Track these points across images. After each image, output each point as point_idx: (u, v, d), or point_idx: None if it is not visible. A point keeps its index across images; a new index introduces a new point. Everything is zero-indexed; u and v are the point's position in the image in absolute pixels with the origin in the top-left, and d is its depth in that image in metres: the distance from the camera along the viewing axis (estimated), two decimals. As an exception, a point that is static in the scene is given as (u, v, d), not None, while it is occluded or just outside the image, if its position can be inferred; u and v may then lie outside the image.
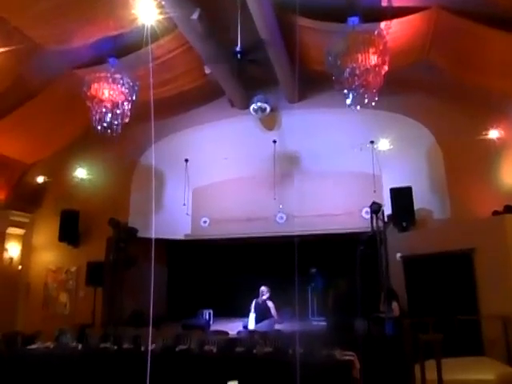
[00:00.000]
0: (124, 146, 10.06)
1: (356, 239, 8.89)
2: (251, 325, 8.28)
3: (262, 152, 10.13)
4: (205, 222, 11.26)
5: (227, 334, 7.57)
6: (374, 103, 5.16)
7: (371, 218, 8.83)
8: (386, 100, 6.20)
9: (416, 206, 8.21)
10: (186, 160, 10.71)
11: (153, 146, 9.15)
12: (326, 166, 10.47)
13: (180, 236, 11.25)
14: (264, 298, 8.38)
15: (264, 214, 10.63)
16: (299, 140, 10.01)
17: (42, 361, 6.54)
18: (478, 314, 6.53)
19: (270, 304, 8.29)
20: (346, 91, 5.16)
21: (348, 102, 4.65)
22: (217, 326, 9.09)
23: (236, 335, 7.48)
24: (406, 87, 8.13)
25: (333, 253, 10.76)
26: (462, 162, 7.85)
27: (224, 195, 11.42)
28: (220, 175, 11.29)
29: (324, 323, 9.01)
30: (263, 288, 8.62)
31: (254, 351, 5.94)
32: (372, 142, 9.31)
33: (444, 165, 8.12)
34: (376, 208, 8.48)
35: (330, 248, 10.88)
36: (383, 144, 8.98)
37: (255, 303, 8.51)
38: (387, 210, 8.66)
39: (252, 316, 8.40)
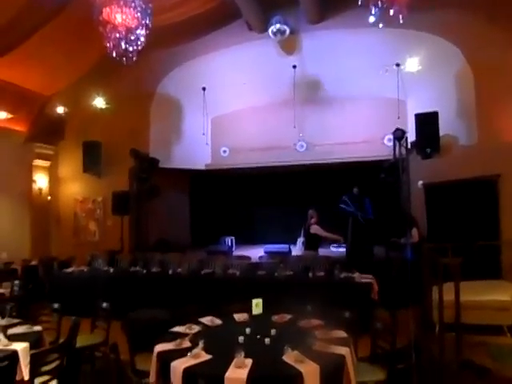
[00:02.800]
0: (141, 75, 9.81)
1: (377, 167, 8.82)
2: (299, 250, 7.87)
3: (281, 78, 9.74)
4: (224, 151, 11.25)
5: (249, 258, 7.89)
6: (401, 20, 4.74)
7: (394, 145, 8.65)
8: (413, 17, 5.67)
9: (441, 132, 7.92)
10: (204, 88, 10.43)
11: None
12: (347, 91, 10.06)
13: (201, 166, 11.34)
14: (311, 222, 7.56)
15: (284, 142, 10.51)
16: (320, 64, 9.53)
17: (78, 282, 7.06)
18: (499, 240, 6.57)
19: (313, 229, 7.37)
20: (370, 6, 4.72)
21: (371, 19, 4.24)
22: (239, 252, 9.48)
23: (258, 260, 7.79)
24: (436, 2, 7.43)
25: (353, 181, 10.72)
26: (493, 85, 7.36)
27: (243, 124, 11.27)
28: (238, 103, 11.04)
29: (343, 250, 9.23)
30: (310, 211, 7.76)
31: (276, 274, 6.22)
32: (398, 65, 8.78)
33: (474, 88, 7.65)
34: (399, 134, 8.25)
35: (351, 176, 10.82)
36: (410, 66, 8.44)
37: (303, 228, 7.82)
38: (411, 136, 8.43)
39: (300, 241, 7.89)
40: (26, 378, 3.06)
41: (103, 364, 4.26)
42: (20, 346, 3.20)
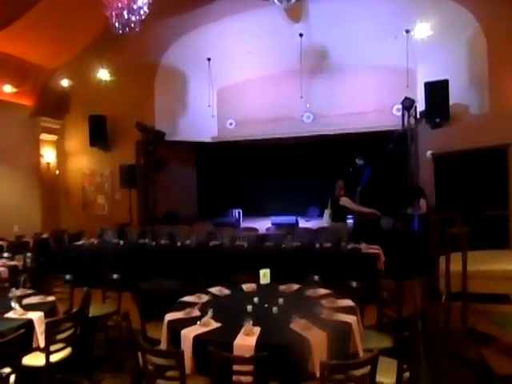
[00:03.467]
0: (144, 46, 9.62)
1: (386, 137, 8.69)
2: (326, 222, 7.59)
3: (287, 47, 9.50)
4: (230, 123, 11.16)
5: (257, 230, 7.96)
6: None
7: (402, 114, 8.48)
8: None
9: (451, 101, 7.74)
10: (209, 59, 10.23)
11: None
12: (355, 60, 9.81)
13: (207, 138, 11.28)
14: (340, 193, 7.39)
15: (290, 113, 10.37)
16: (327, 32, 9.25)
17: (88, 255, 7.20)
18: (507, 210, 6.53)
19: (342, 201, 7.22)
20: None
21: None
22: (246, 224, 9.54)
23: (265, 232, 7.85)
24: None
25: (361, 152, 10.63)
26: (507, 52, 7.12)
27: (249, 95, 11.10)
28: (244, 74, 10.84)
29: (351, 221, 9.25)
30: (339, 183, 7.59)
31: (283, 245, 6.28)
32: (407, 32, 8.50)
33: (487, 55, 7.41)
34: (408, 104, 8.08)
35: (358, 147, 10.72)
36: (420, 32, 8.15)
37: (331, 199, 7.67)
38: (420, 106, 8.25)
39: (327, 212, 7.68)
40: (42, 345, 3.16)
41: (116, 332, 4.40)
42: (35, 315, 3.30)
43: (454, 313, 4.04)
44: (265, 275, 3.90)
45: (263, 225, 8.85)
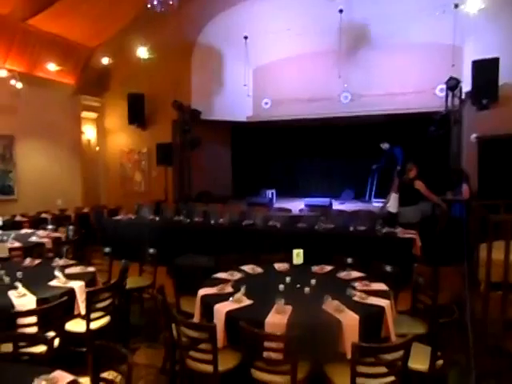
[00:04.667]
0: (182, 24, 9.64)
1: (427, 119, 8.35)
2: (393, 207, 6.89)
3: (326, 24, 9.21)
4: (266, 103, 11.05)
5: (290, 211, 7.94)
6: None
7: (446, 95, 8.11)
8: None
9: (501, 81, 7.29)
10: (246, 37, 10.11)
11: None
12: (397, 37, 9.39)
13: (242, 118, 11.25)
14: (411, 176, 6.52)
15: (327, 93, 10.13)
16: (368, 8, 8.88)
17: (126, 229, 7.44)
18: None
19: (417, 184, 6.37)
20: None
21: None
22: (279, 205, 9.54)
23: (298, 213, 7.82)
24: None
25: (400, 134, 10.30)
26: None
27: (285, 74, 10.93)
28: (281, 53, 10.65)
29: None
30: (409, 164, 6.73)
31: (316, 227, 6.23)
32: (456, 6, 8.02)
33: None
34: (453, 84, 7.70)
35: (398, 129, 10.39)
36: (470, 6, 7.63)
37: (399, 182, 6.89)
38: (465, 86, 7.85)
39: (394, 196, 6.91)
40: (83, 312, 3.33)
41: (150, 305, 4.56)
42: (77, 284, 3.46)
43: (493, 303, 3.90)
44: (298, 255, 3.89)
45: (296, 206, 8.82)
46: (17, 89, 8.64)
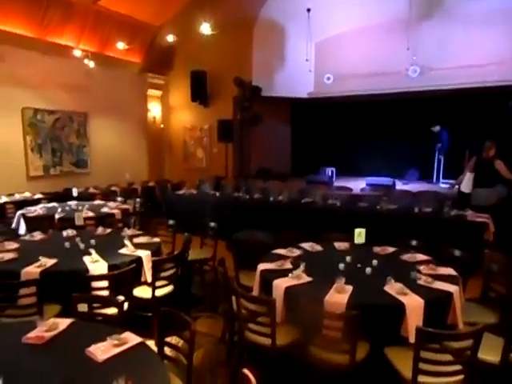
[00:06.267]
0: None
1: (506, 94, 7.62)
2: (466, 187, 6.35)
3: (395, -9, 8.63)
4: (328, 78, 10.68)
5: (350, 190, 7.74)
6: None
7: (531, 66, 7.31)
8: None
9: None
10: (308, 10, 9.76)
11: None
12: (475, 3, 8.55)
13: (303, 94, 11.01)
14: (490, 154, 5.92)
15: (394, 67, 9.55)
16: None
17: (188, 203, 7.71)
18: None
19: (498, 164, 5.79)
20: None
21: None
22: (339, 183, 9.33)
23: (359, 192, 7.60)
24: None
25: (474, 109, 9.53)
26: None
27: (349, 48, 10.44)
28: (344, 25, 10.16)
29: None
30: (488, 142, 6.05)
31: (378, 207, 6.02)
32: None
33: None
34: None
35: (472, 104, 9.61)
36: None
37: (476, 160, 6.22)
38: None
39: (469, 176, 6.35)
40: (149, 280, 3.53)
41: (210, 277, 4.72)
42: (144, 253, 3.66)
43: None
44: (360, 234, 3.79)
45: (357, 185, 8.57)
46: (89, 68, 9.12)
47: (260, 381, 1.61)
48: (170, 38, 8.51)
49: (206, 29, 7.02)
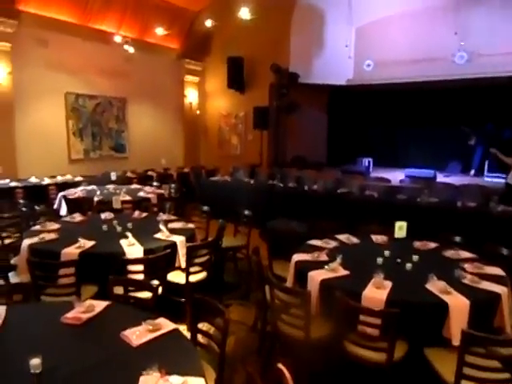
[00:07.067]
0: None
1: None
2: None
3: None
4: (368, 65, 10.30)
5: (389, 181, 7.49)
6: None
7: None
8: None
9: None
10: (350, -7, 9.43)
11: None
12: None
13: (341, 81, 10.70)
14: None
15: (439, 53, 9.08)
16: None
17: (222, 190, 7.73)
18: None
19: None
20: None
21: None
22: (376, 174, 9.05)
23: (398, 183, 7.34)
24: None
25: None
26: None
27: (391, 33, 10.00)
28: (387, 9, 9.73)
29: (502, 180, 8.01)
30: None
31: (418, 200, 5.79)
32: None
33: None
34: None
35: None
36: None
37: None
38: None
39: None
40: (183, 265, 3.54)
41: (243, 265, 4.71)
42: (178, 239, 3.68)
43: None
44: (401, 228, 3.63)
45: (396, 176, 8.29)
46: (129, 54, 9.24)
47: (293, 373, 1.56)
48: (208, 23, 8.46)
49: (244, 13, 6.89)
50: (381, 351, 2.29)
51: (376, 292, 2.47)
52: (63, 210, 6.04)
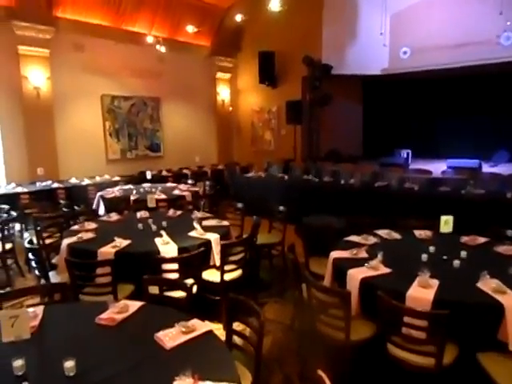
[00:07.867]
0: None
1: None
2: None
3: None
4: (405, 52, 9.88)
5: (430, 173, 7.15)
6: None
7: None
8: None
9: None
10: (384, -22, 9.06)
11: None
12: None
13: (376, 71, 10.32)
14: None
15: (482, 35, 8.54)
16: None
17: (256, 186, 7.66)
18: None
19: None
20: None
21: None
22: (416, 166, 8.67)
23: (440, 175, 6.99)
24: None
25: None
26: None
27: (429, 17, 9.51)
28: (425, -8, 9.30)
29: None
30: None
31: (463, 192, 5.46)
32: None
33: None
34: None
35: None
36: None
37: None
38: None
39: None
40: (218, 264, 3.49)
41: (279, 262, 4.61)
42: (213, 237, 3.63)
43: None
44: (447, 223, 3.41)
45: (437, 167, 7.90)
46: (161, 54, 9.33)
47: (333, 377, 1.45)
48: (238, 18, 8.38)
49: (274, 5, 6.75)
50: (428, 355, 2.12)
51: (422, 292, 2.30)
52: (101, 210, 6.18)
